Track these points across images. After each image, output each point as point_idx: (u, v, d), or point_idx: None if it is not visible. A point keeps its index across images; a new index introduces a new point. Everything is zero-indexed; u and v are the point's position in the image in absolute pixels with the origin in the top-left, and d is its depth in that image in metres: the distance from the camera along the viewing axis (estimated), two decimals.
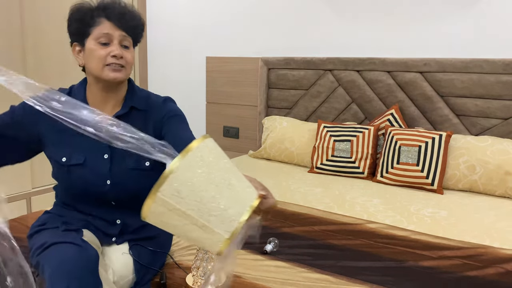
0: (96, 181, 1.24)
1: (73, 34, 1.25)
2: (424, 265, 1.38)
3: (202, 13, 3.32)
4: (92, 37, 1.21)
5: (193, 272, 1.18)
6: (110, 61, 1.21)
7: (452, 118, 2.40)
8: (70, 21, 1.24)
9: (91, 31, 1.21)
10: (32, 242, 1.23)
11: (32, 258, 1.19)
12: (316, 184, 2.27)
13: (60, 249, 1.08)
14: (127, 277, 1.22)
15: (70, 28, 1.25)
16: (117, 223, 1.28)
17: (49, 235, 1.16)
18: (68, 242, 1.09)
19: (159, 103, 1.35)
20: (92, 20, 1.21)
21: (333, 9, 2.77)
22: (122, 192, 1.26)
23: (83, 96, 1.28)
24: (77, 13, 1.22)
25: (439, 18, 2.45)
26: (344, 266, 1.35)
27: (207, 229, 0.78)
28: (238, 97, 3.17)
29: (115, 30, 1.22)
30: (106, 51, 1.21)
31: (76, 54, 1.26)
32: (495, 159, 2.10)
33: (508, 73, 2.23)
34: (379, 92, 2.59)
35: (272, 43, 3.02)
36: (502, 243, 1.55)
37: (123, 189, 1.26)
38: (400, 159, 2.24)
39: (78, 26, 1.22)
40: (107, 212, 1.27)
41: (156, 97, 1.37)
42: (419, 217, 1.80)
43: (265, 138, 2.83)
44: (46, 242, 1.13)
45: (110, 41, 1.21)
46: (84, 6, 1.23)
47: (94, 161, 1.24)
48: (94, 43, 1.21)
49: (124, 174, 1.25)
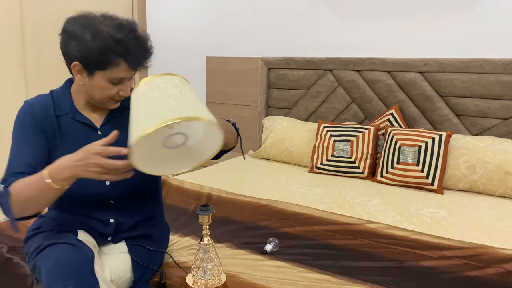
0: (96, 183, 1.22)
1: (81, 59, 1.14)
2: (424, 265, 1.38)
3: (202, 13, 3.32)
4: (105, 75, 1.15)
5: (193, 272, 1.18)
6: (117, 97, 1.21)
7: (452, 118, 2.40)
8: (81, 46, 1.12)
9: (106, 68, 1.13)
10: (28, 246, 1.23)
11: (29, 262, 1.19)
12: (316, 184, 2.27)
13: (56, 249, 1.08)
14: (125, 276, 1.22)
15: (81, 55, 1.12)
16: (110, 222, 1.27)
17: (44, 238, 1.16)
18: (63, 243, 1.09)
19: None
20: (110, 59, 1.12)
21: (333, 9, 2.77)
22: (121, 190, 1.26)
23: (69, 101, 1.25)
24: (94, 41, 1.11)
25: (439, 18, 2.45)
26: (344, 266, 1.35)
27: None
28: (238, 97, 3.17)
29: (130, 73, 1.18)
30: (116, 90, 1.19)
31: (76, 72, 1.18)
32: (495, 159, 2.10)
33: (508, 73, 2.23)
34: (379, 92, 2.59)
35: (272, 43, 3.02)
36: (502, 243, 1.55)
37: (122, 188, 1.26)
38: (400, 159, 2.24)
39: (92, 56, 1.12)
40: (101, 212, 1.27)
41: None
42: (419, 217, 1.80)
43: (265, 138, 2.83)
44: (41, 244, 1.13)
45: (122, 81, 1.19)
46: (104, 35, 1.11)
47: None
48: (104, 80, 1.16)
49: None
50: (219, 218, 1.75)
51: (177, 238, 1.54)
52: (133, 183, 1.26)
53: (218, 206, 1.89)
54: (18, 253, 1.38)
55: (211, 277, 1.17)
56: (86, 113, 1.26)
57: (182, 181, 2.19)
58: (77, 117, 1.24)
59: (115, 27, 1.12)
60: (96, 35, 1.11)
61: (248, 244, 1.51)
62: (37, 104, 1.23)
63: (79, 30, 1.12)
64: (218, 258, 1.19)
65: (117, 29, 1.12)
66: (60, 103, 1.25)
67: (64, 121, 1.24)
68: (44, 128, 1.21)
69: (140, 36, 1.17)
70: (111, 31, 1.12)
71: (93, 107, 1.27)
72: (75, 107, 1.25)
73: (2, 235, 1.51)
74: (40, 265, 1.09)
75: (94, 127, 1.26)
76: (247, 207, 1.87)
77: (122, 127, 1.22)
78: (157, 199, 1.42)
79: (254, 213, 1.82)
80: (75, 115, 1.24)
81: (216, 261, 1.18)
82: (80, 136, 1.23)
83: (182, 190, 2.11)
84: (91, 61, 1.13)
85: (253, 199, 1.96)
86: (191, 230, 1.63)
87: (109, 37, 1.11)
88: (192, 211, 1.86)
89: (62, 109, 1.24)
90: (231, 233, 1.62)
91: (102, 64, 1.13)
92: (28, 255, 1.20)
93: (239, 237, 1.58)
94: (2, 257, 1.38)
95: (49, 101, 1.24)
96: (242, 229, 1.66)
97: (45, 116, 1.22)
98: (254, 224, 1.71)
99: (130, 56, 1.14)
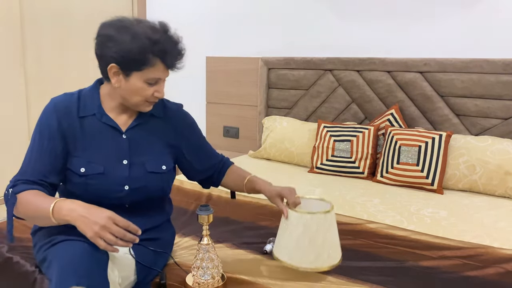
0: (115, 188, 1.24)
1: (118, 60, 1.15)
2: (424, 265, 1.38)
3: (202, 13, 3.32)
4: (141, 76, 1.17)
5: (193, 272, 1.18)
6: (151, 99, 1.22)
7: (452, 118, 2.40)
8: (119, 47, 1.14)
9: (142, 69, 1.16)
10: (37, 238, 1.22)
11: (38, 253, 1.19)
12: (316, 184, 2.27)
13: (71, 245, 1.07)
14: (130, 278, 1.22)
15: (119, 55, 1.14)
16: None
17: (58, 231, 1.15)
18: (79, 240, 1.08)
19: (175, 111, 1.39)
20: (147, 58, 1.15)
21: (333, 9, 2.77)
22: (139, 195, 1.27)
23: (98, 103, 1.26)
24: (132, 41, 1.13)
25: (439, 18, 2.45)
26: (344, 266, 1.35)
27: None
28: (238, 97, 3.17)
29: (166, 73, 1.21)
30: (152, 91, 1.20)
31: (112, 75, 1.19)
32: (495, 159, 2.10)
33: (508, 73, 2.23)
34: (379, 92, 2.59)
35: (272, 43, 3.02)
36: (502, 243, 1.55)
37: (141, 192, 1.26)
38: (400, 159, 2.24)
39: (130, 56, 1.14)
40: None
41: (170, 103, 1.40)
42: (419, 217, 1.80)
43: (265, 138, 2.83)
44: (55, 238, 1.12)
45: (157, 81, 1.21)
46: (141, 36, 1.13)
47: (113, 168, 1.24)
48: (141, 82, 1.18)
49: (142, 178, 1.26)
50: (219, 218, 1.75)
51: (177, 238, 1.54)
52: (152, 188, 1.27)
53: (218, 206, 1.89)
54: (18, 252, 1.38)
55: (211, 277, 1.17)
56: (113, 116, 1.27)
57: (182, 181, 2.19)
58: (104, 119, 1.25)
59: (150, 28, 1.16)
60: (134, 35, 1.13)
61: (248, 244, 1.51)
62: (62, 104, 1.24)
63: (115, 33, 1.15)
64: (218, 258, 1.19)
65: (153, 30, 1.16)
66: (87, 103, 1.25)
67: (88, 122, 1.24)
68: (65, 130, 1.21)
69: (173, 37, 1.20)
70: (148, 32, 1.14)
71: (121, 111, 1.28)
72: (103, 109, 1.26)
73: (2, 235, 1.51)
74: (52, 259, 1.08)
75: (120, 131, 1.26)
76: (247, 207, 1.88)
77: (147, 133, 1.28)
78: (169, 205, 1.44)
79: (254, 213, 1.82)
80: (102, 117, 1.25)
81: (216, 261, 1.18)
82: (104, 138, 1.24)
83: (182, 190, 2.11)
84: (129, 62, 1.15)
85: (253, 199, 1.96)
86: (191, 230, 1.63)
87: (146, 37, 1.13)
88: (192, 211, 1.86)
89: (89, 110, 1.25)
90: (231, 233, 1.62)
91: (139, 64, 1.15)
92: (38, 247, 1.19)
93: (239, 237, 1.58)
94: (2, 257, 1.38)
95: (75, 101, 1.25)
96: (242, 229, 1.66)
97: (68, 116, 1.22)
98: (254, 224, 1.71)
99: (166, 56, 1.17)
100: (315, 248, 1.20)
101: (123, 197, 1.25)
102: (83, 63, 2.95)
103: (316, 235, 1.20)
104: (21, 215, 1.15)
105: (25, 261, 1.31)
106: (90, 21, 2.95)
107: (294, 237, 1.21)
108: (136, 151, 1.27)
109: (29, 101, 2.66)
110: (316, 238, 1.20)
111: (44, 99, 2.75)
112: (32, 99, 2.68)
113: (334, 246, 1.25)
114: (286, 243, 1.23)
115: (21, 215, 1.15)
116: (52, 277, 1.04)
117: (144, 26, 1.16)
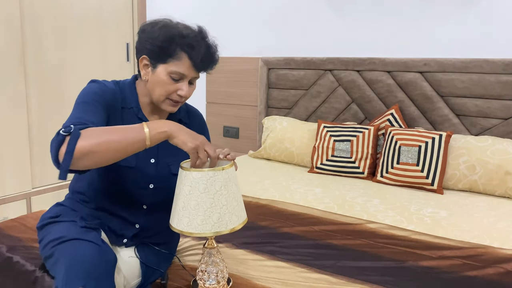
0: (141, 184, 1.25)
1: (148, 49, 1.18)
2: (424, 265, 1.38)
3: (202, 13, 3.32)
4: (166, 68, 1.17)
5: (198, 276, 1.17)
6: (173, 97, 1.21)
7: (452, 118, 2.40)
8: (149, 36, 1.17)
9: (168, 61, 1.17)
10: (44, 233, 1.20)
11: (44, 249, 1.16)
12: (316, 184, 2.27)
13: (81, 246, 1.06)
14: (134, 280, 1.22)
15: (148, 44, 1.18)
16: (135, 226, 1.27)
17: (67, 229, 1.14)
18: (89, 241, 1.07)
19: (196, 116, 1.41)
20: (174, 50, 1.16)
21: (333, 9, 2.77)
22: (161, 195, 1.27)
23: (136, 97, 1.26)
24: (164, 34, 1.16)
25: (439, 18, 2.46)
26: (344, 266, 1.35)
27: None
28: (238, 97, 3.17)
29: (191, 71, 1.19)
30: (174, 88, 1.19)
31: (142, 67, 1.22)
32: (495, 159, 2.10)
33: (508, 73, 2.24)
34: (379, 92, 2.59)
35: (272, 43, 3.02)
36: (502, 243, 1.55)
37: (163, 192, 1.27)
38: (400, 159, 2.24)
39: (157, 48, 1.16)
40: (131, 215, 1.27)
41: (192, 108, 1.42)
42: (419, 217, 1.80)
43: (265, 138, 2.83)
44: (64, 235, 1.11)
45: (182, 79, 1.20)
46: (171, 28, 1.17)
47: (143, 164, 1.24)
48: (165, 74, 1.18)
49: (167, 178, 1.27)
50: None
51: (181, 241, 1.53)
52: (174, 190, 1.27)
53: None
54: (18, 252, 1.38)
55: (216, 282, 1.15)
56: (146, 114, 1.27)
57: None
58: (140, 114, 1.25)
59: (185, 27, 1.19)
60: (165, 27, 1.17)
61: (248, 244, 1.51)
62: (109, 89, 1.22)
63: (150, 27, 1.19)
64: (223, 262, 1.17)
65: (186, 28, 1.18)
66: (127, 96, 1.25)
67: (127, 115, 1.24)
68: (110, 112, 1.19)
69: (207, 40, 1.20)
70: (180, 27, 1.18)
71: (153, 110, 1.28)
72: (139, 104, 1.26)
73: (2, 235, 1.51)
74: (60, 257, 1.06)
75: None
76: (247, 207, 1.87)
77: None
78: None
79: (254, 213, 1.82)
80: (138, 112, 1.25)
81: (221, 266, 1.16)
82: None
83: None
84: (156, 51, 1.16)
85: (253, 199, 1.96)
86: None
87: (176, 31, 1.16)
88: None
89: (128, 103, 1.25)
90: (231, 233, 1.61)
91: (165, 54, 1.16)
92: (45, 242, 1.17)
93: (239, 237, 1.58)
94: (2, 257, 1.38)
95: (117, 90, 1.25)
96: (242, 229, 1.66)
97: (114, 102, 1.22)
98: (254, 224, 1.71)
99: (193, 52, 1.16)
100: (202, 211, 1.06)
101: (146, 195, 1.26)
102: (83, 63, 2.95)
103: (204, 196, 1.06)
104: (94, 140, 0.98)
105: (25, 261, 1.31)
106: (90, 21, 2.95)
107: (181, 198, 1.08)
108: (164, 152, 1.28)
109: (29, 101, 2.66)
110: (205, 200, 1.06)
111: (44, 99, 2.76)
112: (32, 99, 2.68)
113: (231, 208, 1.11)
114: (175, 205, 1.11)
115: (94, 140, 0.97)
116: (58, 275, 1.03)
117: (180, 25, 1.19)
